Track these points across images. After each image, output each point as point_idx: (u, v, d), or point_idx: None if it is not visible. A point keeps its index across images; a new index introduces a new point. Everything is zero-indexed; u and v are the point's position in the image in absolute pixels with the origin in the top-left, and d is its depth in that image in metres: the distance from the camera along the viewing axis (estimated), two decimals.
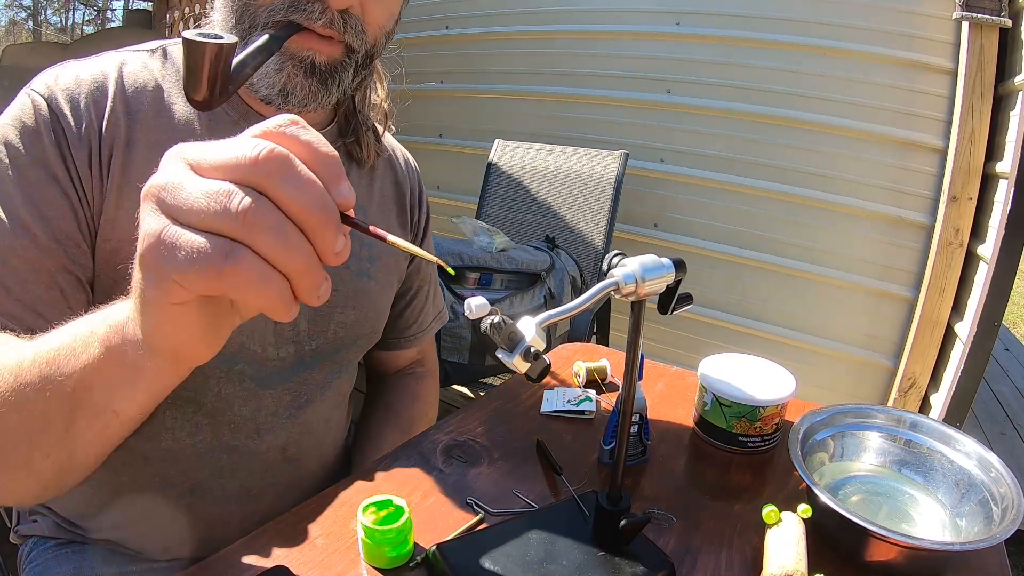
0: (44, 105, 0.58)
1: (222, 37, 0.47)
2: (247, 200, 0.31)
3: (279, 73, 0.59)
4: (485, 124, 2.61)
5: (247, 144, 0.32)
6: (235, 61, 0.50)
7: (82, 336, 0.42)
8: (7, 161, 0.56)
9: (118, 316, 0.40)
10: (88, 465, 0.48)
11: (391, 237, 0.36)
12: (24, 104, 0.58)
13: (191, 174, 0.33)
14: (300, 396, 0.74)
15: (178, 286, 0.33)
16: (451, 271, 0.39)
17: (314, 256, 0.33)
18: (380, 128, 0.80)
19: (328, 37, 0.59)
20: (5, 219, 0.55)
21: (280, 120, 0.34)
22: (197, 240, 0.32)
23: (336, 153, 0.34)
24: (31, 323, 0.55)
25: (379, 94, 0.80)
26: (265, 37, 0.54)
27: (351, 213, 0.35)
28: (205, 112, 0.64)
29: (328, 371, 0.76)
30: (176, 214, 0.32)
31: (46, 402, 0.42)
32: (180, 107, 0.64)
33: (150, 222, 0.33)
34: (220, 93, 0.48)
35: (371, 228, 0.36)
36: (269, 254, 0.32)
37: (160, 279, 0.33)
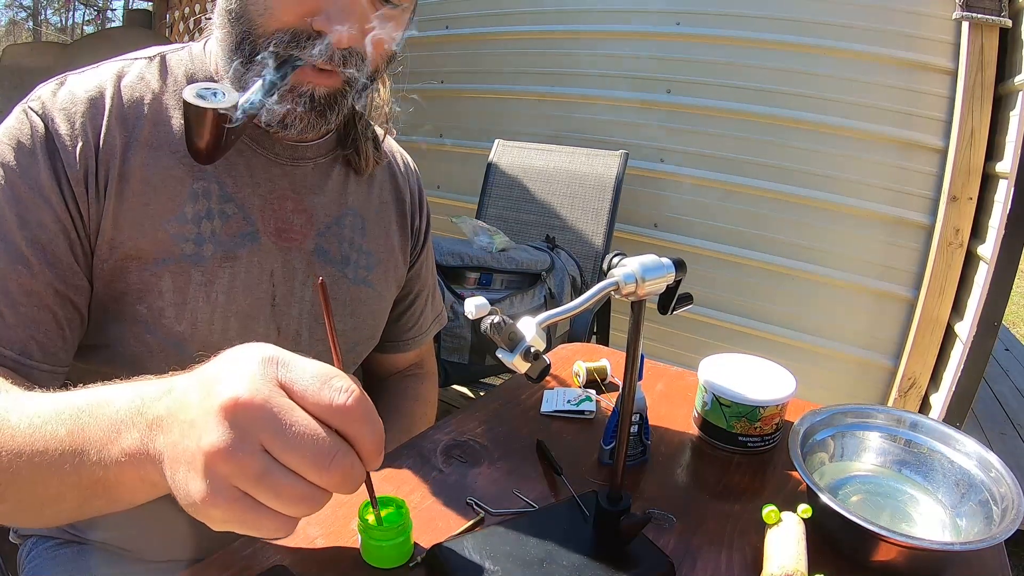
0: (40, 124, 0.58)
1: (223, 95, 0.47)
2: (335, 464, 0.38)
3: (279, 106, 0.59)
4: (485, 124, 2.61)
5: (325, 449, 0.37)
6: (238, 102, 0.50)
7: (111, 458, 0.42)
8: (3, 181, 0.56)
9: (149, 471, 0.41)
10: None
11: None
12: (21, 122, 0.58)
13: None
14: None
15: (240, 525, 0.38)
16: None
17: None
18: (381, 132, 0.80)
19: (327, 71, 0.59)
20: (0, 243, 0.55)
21: (349, 402, 0.38)
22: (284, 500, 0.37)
23: (383, 433, 0.41)
24: (23, 345, 0.56)
25: (382, 96, 0.80)
26: (260, 83, 0.54)
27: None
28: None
29: None
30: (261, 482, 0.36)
31: (62, 486, 0.44)
32: (177, 119, 0.63)
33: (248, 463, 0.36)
34: (223, 148, 0.48)
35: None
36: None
37: (238, 521, 0.37)
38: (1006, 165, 1.61)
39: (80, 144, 0.58)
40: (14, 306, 0.56)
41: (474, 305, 0.37)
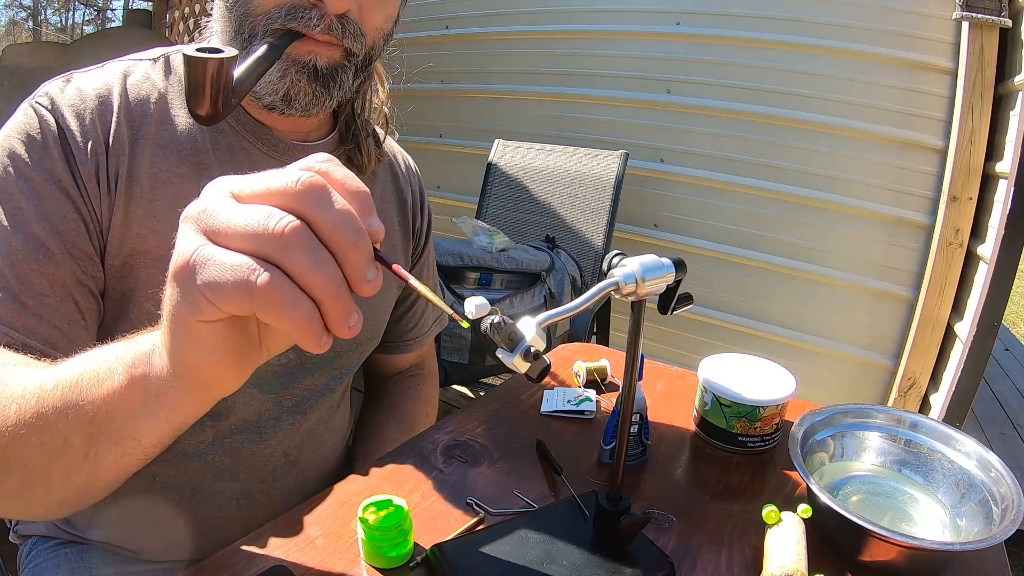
0: (51, 119, 0.58)
1: (222, 51, 0.46)
2: (284, 221, 0.32)
3: (282, 79, 0.59)
4: (485, 124, 2.61)
5: (288, 173, 0.34)
6: (236, 74, 0.50)
7: (107, 363, 0.42)
8: (16, 174, 0.56)
9: (144, 345, 0.40)
10: (107, 488, 0.48)
11: (413, 281, 0.36)
12: (30, 117, 0.58)
13: (232, 200, 0.34)
14: (301, 401, 0.74)
15: (208, 303, 0.33)
16: (465, 324, 0.38)
17: (344, 284, 0.34)
18: (381, 133, 0.80)
19: (327, 42, 0.59)
20: (19, 233, 0.55)
21: (317, 157, 0.36)
22: (231, 258, 0.32)
23: (367, 189, 0.36)
24: (48, 336, 0.55)
25: (380, 97, 0.80)
26: (264, 47, 0.54)
27: (379, 246, 0.36)
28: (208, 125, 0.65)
29: (328, 376, 0.76)
30: (213, 235, 0.33)
31: (67, 425, 0.42)
32: (183, 118, 0.63)
33: (186, 241, 0.34)
34: (224, 107, 0.48)
35: (395, 267, 0.37)
36: (301, 276, 0.32)
37: (191, 295, 0.34)
38: (1006, 165, 1.61)
39: (91, 141, 0.58)
40: (37, 296, 0.55)
41: (474, 305, 0.37)
